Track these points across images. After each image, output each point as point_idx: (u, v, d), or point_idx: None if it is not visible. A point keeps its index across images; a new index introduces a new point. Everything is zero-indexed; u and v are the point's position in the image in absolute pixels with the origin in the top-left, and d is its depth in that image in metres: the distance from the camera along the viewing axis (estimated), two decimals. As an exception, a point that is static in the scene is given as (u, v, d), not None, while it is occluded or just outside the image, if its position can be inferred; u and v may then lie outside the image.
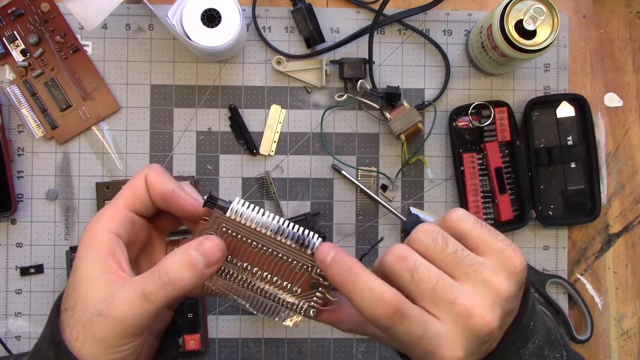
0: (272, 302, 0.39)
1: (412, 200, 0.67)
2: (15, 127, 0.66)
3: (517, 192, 0.66)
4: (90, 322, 0.35)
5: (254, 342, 0.66)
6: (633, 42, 0.69)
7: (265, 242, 0.38)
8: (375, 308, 0.34)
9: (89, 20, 0.60)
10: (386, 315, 0.33)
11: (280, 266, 0.38)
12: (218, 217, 0.37)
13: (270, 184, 0.66)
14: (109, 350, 0.35)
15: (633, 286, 0.68)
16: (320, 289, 0.38)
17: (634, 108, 0.69)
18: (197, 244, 0.36)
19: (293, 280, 0.39)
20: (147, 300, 0.34)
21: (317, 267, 0.38)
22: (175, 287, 0.35)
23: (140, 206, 0.39)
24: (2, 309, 0.65)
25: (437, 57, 0.68)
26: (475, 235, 0.37)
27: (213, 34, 0.60)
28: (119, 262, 0.36)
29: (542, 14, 0.58)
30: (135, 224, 0.39)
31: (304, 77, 0.67)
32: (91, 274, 0.36)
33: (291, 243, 0.38)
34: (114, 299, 0.35)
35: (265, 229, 0.37)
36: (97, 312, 0.35)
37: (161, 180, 0.38)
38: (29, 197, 0.65)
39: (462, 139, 0.67)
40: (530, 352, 0.38)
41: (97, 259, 0.36)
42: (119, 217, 0.38)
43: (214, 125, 0.67)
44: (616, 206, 0.68)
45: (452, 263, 0.36)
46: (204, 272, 0.36)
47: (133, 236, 0.39)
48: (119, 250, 0.37)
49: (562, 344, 0.40)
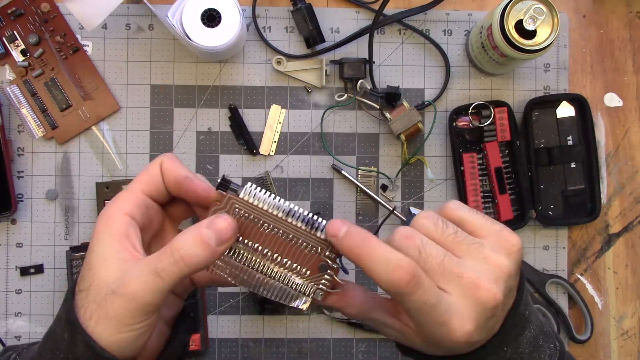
0: (281, 283, 0.40)
1: (412, 200, 0.67)
2: (15, 127, 0.66)
3: (517, 192, 0.66)
4: (104, 301, 0.35)
5: (254, 342, 0.66)
6: (633, 42, 0.69)
7: (276, 223, 0.39)
8: (393, 274, 0.34)
9: (89, 20, 0.60)
10: (404, 282, 0.34)
11: (290, 248, 0.39)
12: (231, 197, 0.38)
13: (270, 184, 0.66)
14: (122, 329, 0.35)
15: (633, 286, 0.68)
16: (329, 271, 0.39)
17: (634, 108, 0.69)
18: (208, 222, 0.37)
19: (302, 262, 0.39)
20: (159, 277, 0.35)
21: (327, 249, 0.39)
22: (187, 264, 0.35)
23: (155, 191, 0.40)
24: (2, 309, 0.65)
25: (437, 57, 0.68)
26: (472, 221, 0.39)
27: (213, 34, 0.60)
28: (132, 243, 0.37)
29: (542, 14, 0.58)
30: (149, 208, 0.40)
31: (304, 77, 0.67)
32: (106, 254, 0.37)
33: (302, 225, 0.39)
34: (127, 277, 0.35)
35: (277, 210, 0.38)
36: (111, 291, 0.35)
37: (175, 166, 0.40)
38: (29, 197, 0.65)
39: (462, 139, 0.67)
40: (527, 341, 0.39)
41: (112, 239, 0.37)
42: (134, 201, 0.39)
43: (214, 125, 0.67)
44: (616, 206, 0.68)
45: (453, 243, 0.38)
46: (216, 250, 0.36)
47: (147, 220, 0.40)
48: (133, 232, 0.38)
49: (554, 337, 0.42)
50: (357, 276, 0.67)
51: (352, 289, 0.41)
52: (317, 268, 0.39)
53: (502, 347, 0.38)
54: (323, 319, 0.66)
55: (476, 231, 0.39)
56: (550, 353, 0.40)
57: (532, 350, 0.39)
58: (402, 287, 0.35)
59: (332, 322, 0.66)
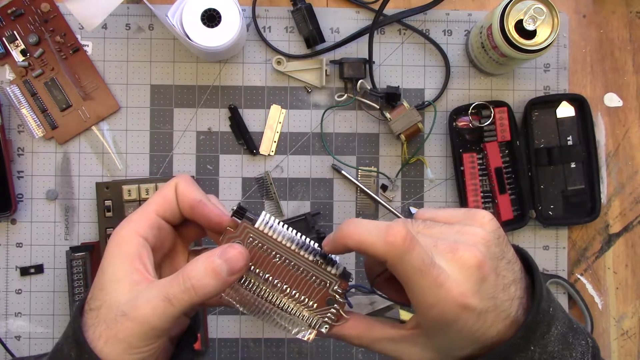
0: (288, 314, 0.40)
1: (412, 200, 0.67)
2: (15, 127, 0.66)
3: (517, 192, 0.66)
4: (114, 322, 0.36)
5: (254, 342, 0.66)
6: (633, 42, 0.69)
7: (288, 255, 0.39)
8: (387, 237, 0.34)
9: (89, 20, 0.60)
10: (400, 239, 0.34)
11: (300, 280, 0.40)
12: (246, 227, 0.39)
13: (270, 184, 0.66)
14: (131, 351, 0.36)
15: (633, 286, 0.68)
16: (336, 305, 0.40)
17: (634, 108, 0.69)
18: (221, 252, 0.37)
19: (310, 295, 0.40)
20: (170, 303, 0.35)
21: (335, 284, 0.39)
22: (197, 293, 0.35)
23: (169, 213, 0.40)
24: (2, 309, 0.65)
25: (437, 57, 0.68)
26: (440, 215, 0.40)
27: (213, 34, 0.60)
28: (144, 264, 0.38)
29: (542, 14, 0.58)
30: (162, 230, 0.40)
31: (304, 77, 0.67)
32: (118, 276, 0.37)
33: (314, 258, 0.39)
34: (138, 301, 0.36)
35: (291, 243, 0.39)
36: (122, 312, 0.36)
37: (190, 189, 0.40)
38: (29, 197, 0.65)
39: (462, 139, 0.67)
40: (555, 339, 0.38)
41: (125, 261, 0.37)
42: (147, 222, 0.39)
43: (214, 125, 0.67)
44: (616, 206, 0.68)
45: (424, 229, 0.38)
46: (227, 280, 0.36)
47: (159, 241, 0.40)
48: (145, 254, 0.38)
49: (585, 334, 0.40)
50: (357, 277, 0.67)
51: (355, 320, 0.41)
52: (324, 301, 0.40)
53: (529, 347, 0.37)
54: (323, 319, 0.66)
55: (446, 222, 0.39)
56: (583, 350, 0.39)
57: (562, 348, 0.38)
58: (399, 245, 0.34)
59: (332, 322, 0.66)
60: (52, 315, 0.65)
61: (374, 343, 0.40)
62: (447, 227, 0.38)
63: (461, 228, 0.38)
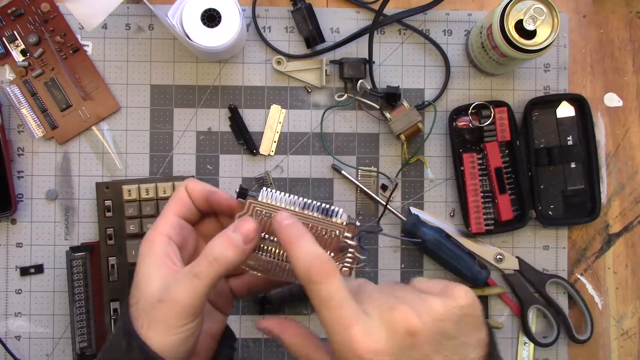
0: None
1: (412, 200, 0.67)
2: (15, 127, 0.66)
3: (517, 192, 0.66)
4: (152, 309, 0.40)
5: (254, 342, 0.66)
6: (633, 42, 0.69)
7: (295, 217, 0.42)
8: (309, 262, 0.38)
9: (89, 20, 0.60)
10: (316, 270, 0.37)
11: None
12: (252, 202, 0.43)
13: (270, 184, 0.66)
14: (170, 331, 0.39)
15: (633, 286, 0.68)
16: (350, 249, 0.43)
17: (634, 108, 0.69)
18: (234, 226, 0.42)
19: (325, 247, 0.42)
20: (197, 278, 0.39)
21: (344, 231, 0.42)
22: (220, 264, 0.40)
23: (186, 211, 0.45)
24: (2, 309, 0.65)
25: (437, 57, 0.68)
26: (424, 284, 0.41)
27: (213, 34, 0.60)
28: (172, 259, 0.42)
29: (542, 14, 0.58)
30: (183, 228, 0.45)
31: (304, 77, 0.67)
32: (150, 272, 0.41)
33: (318, 214, 0.43)
34: (170, 286, 0.40)
35: (294, 205, 0.43)
36: (157, 299, 0.40)
37: (200, 185, 0.45)
38: (29, 197, 0.65)
39: (462, 139, 0.67)
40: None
41: (154, 258, 0.42)
42: (169, 223, 0.44)
43: (214, 125, 0.67)
44: (616, 206, 0.68)
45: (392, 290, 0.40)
46: (244, 249, 0.41)
47: (183, 239, 0.45)
48: (171, 250, 0.43)
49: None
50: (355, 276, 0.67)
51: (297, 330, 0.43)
52: (339, 250, 0.43)
53: None
54: (323, 319, 0.66)
55: (425, 290, 0.40)
56: None
57: None
58: (313, 274, 0.37)
59: (332, 322, 0.66)
60: (52, 315, 0.65)
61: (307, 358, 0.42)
62: (413, 293, 0.39)
63: (426, 297, 0.38)
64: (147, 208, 0.63)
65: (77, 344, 0.62)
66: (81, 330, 0.62)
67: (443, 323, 0.37)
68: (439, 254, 0.64)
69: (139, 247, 0.43)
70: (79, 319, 0.62)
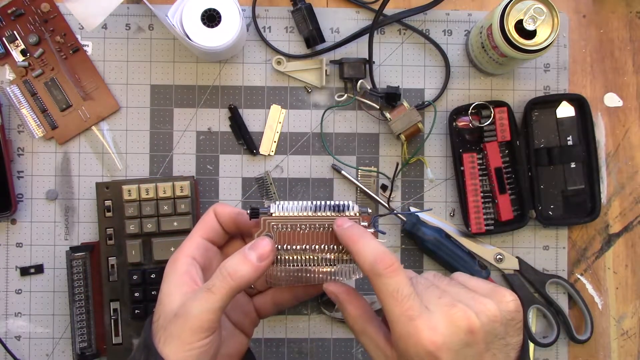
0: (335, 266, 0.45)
1: (412, 200, 0.67)
2: (15, 127, 0.66)
3: (517, 192, 0.66)
4: (169, 324, 0.41)
5: (254, 342, 0.66)
6: (633, 42, 0.69)
7: (311, 221, 0.45)
8: (376, 257, 0.40)
9: (89, 20, 0.60)
10: (384, 265, 0.39)
11: (330, 235, 0.45)
12: (266, 219, 0.44)
13: (270, 184, 0.66)
14: (185, 347, 0.40)
15: (633, 286, 0.68)
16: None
17: (634, 108, 0.69)
18: (250, 245, 0.43)
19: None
20: (210, 292, 0.41)
21: (359, 221, 0.44)
22: (233, 278, 0.41)
23: (212, 234, 0.47)
24: (2, 309, 0.65)
25: (437, 57, 0.68)
26: (472, 282, 0.43)
27: (213, 34, 0.60)
28: (193, 278, 0.44)
29: (542, 14, 0.58)
30: (208, 250, 0.47)
31: (304, 77, 0.67)
32: (171, 290, 0.43)
33: (331, 213, 0.44)
34: (187, 302, 0.42)
35: (306, 211, 0.45)
36: (174, 314, 0.41)
37: (228, 208, 0.48)
38: (29, 197, 0.65)
39: (462, 139, 0.67)
40: None
41: (176, 277, 0.44)
42: (194, 244, 0.46)
43: (214, 125, 0.67)
44: (616, 206, 0.68)
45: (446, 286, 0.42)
46: (258, 265, 0.42)
47: (207, 260, 0.47)
48: (193, 270, 0.44)
49: None
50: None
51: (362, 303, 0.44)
52: None
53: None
54: (323, 318, 0.66)
55: (472, 289, 0.42)
56: None
57: None
58: (381, 269, 0.39)
59: (332, 322, 0.66)
60: (52, 315, 0.65)
61: (362, 333, 0.44)
62: (465, 291, 0.42)
63: (478, 297, 0.41)
64: (147, 208, 0.63)
65: (77, 344, 0.62)
66: (81, 331, 0.62)
67: (496, 324, 0.40)
68: (439, 254, 0.64)
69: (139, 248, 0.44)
70: (78, 319, 0.62)
